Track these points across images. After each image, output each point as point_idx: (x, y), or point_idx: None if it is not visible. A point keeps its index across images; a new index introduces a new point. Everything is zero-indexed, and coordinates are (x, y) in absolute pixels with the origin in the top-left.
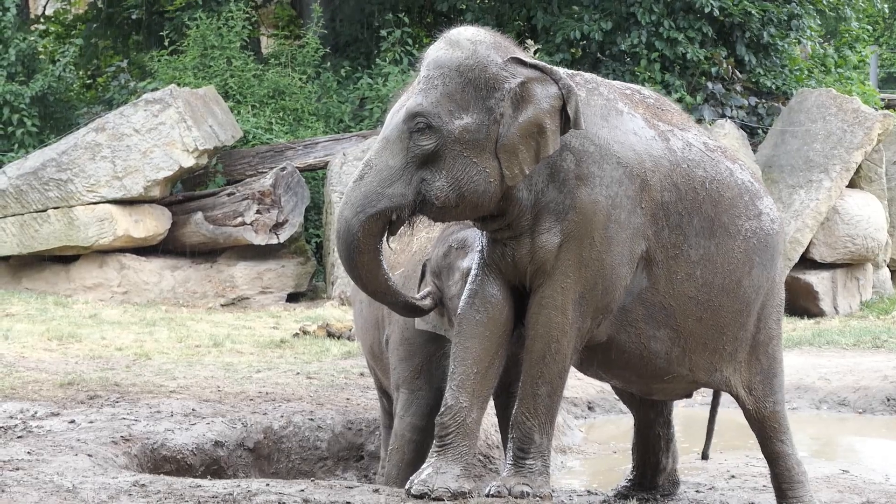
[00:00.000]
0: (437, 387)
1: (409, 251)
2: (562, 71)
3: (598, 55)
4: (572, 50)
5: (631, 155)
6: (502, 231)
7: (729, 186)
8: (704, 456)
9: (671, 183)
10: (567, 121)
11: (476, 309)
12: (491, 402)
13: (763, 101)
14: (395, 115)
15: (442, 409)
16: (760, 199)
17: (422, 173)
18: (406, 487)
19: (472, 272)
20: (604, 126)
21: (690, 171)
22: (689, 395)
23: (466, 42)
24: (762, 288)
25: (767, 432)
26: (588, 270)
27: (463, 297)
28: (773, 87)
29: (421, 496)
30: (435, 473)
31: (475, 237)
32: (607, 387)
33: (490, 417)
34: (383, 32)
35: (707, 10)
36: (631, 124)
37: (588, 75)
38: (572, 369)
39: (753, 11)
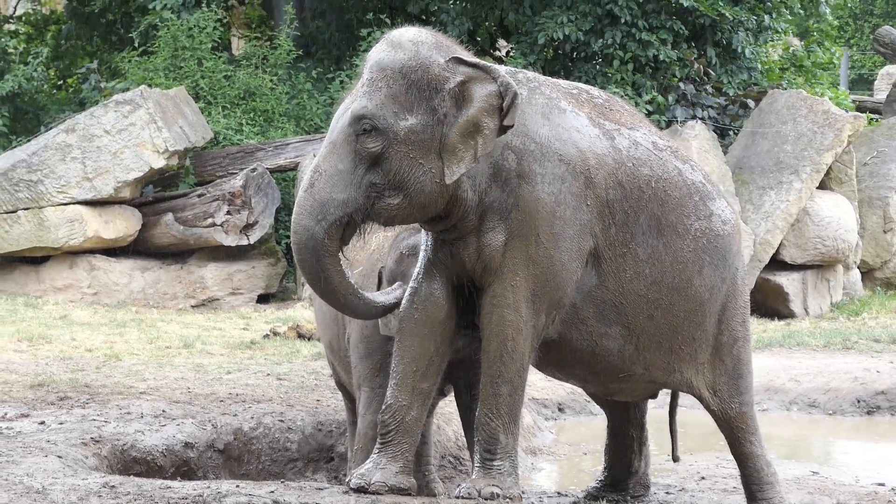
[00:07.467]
0: None
1: (367, 249)
2: (502, 69)
3: (572, 57)
4: (545, 51)
5: (573, 152)
6: (448, 232)
7: (676, 186)
8: (675, 458)
9: (616, 181)
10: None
11: (416, 308)
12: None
13: (733, 102)
14: (341, 119)
15: (383, 407)
16: (712, 201)
17: (370, 177)
18: (346, 479)
19: (416, 272)
20: (545, 124)
21: (636, 169)
22: (653, 396)
23: (408, 43)
24: (716, 288)
25: (735, 433)
26: (537, 267)
27: (405, 297)
28: (736, 94)
29: (359, 489)
30: (374, 468)
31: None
32: (578, 388)
33: (460, 420)
34: (363, 32)
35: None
36: (574, 122)
37: (531, 74)
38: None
39: (727, 13)
